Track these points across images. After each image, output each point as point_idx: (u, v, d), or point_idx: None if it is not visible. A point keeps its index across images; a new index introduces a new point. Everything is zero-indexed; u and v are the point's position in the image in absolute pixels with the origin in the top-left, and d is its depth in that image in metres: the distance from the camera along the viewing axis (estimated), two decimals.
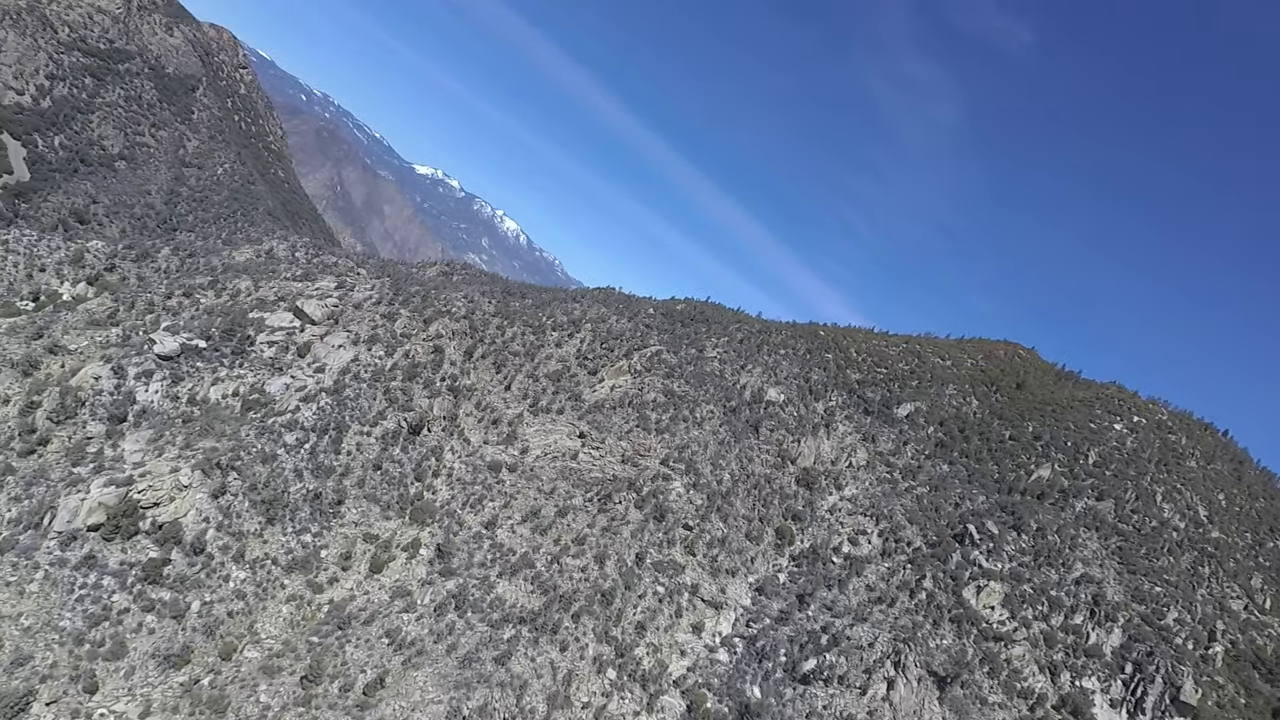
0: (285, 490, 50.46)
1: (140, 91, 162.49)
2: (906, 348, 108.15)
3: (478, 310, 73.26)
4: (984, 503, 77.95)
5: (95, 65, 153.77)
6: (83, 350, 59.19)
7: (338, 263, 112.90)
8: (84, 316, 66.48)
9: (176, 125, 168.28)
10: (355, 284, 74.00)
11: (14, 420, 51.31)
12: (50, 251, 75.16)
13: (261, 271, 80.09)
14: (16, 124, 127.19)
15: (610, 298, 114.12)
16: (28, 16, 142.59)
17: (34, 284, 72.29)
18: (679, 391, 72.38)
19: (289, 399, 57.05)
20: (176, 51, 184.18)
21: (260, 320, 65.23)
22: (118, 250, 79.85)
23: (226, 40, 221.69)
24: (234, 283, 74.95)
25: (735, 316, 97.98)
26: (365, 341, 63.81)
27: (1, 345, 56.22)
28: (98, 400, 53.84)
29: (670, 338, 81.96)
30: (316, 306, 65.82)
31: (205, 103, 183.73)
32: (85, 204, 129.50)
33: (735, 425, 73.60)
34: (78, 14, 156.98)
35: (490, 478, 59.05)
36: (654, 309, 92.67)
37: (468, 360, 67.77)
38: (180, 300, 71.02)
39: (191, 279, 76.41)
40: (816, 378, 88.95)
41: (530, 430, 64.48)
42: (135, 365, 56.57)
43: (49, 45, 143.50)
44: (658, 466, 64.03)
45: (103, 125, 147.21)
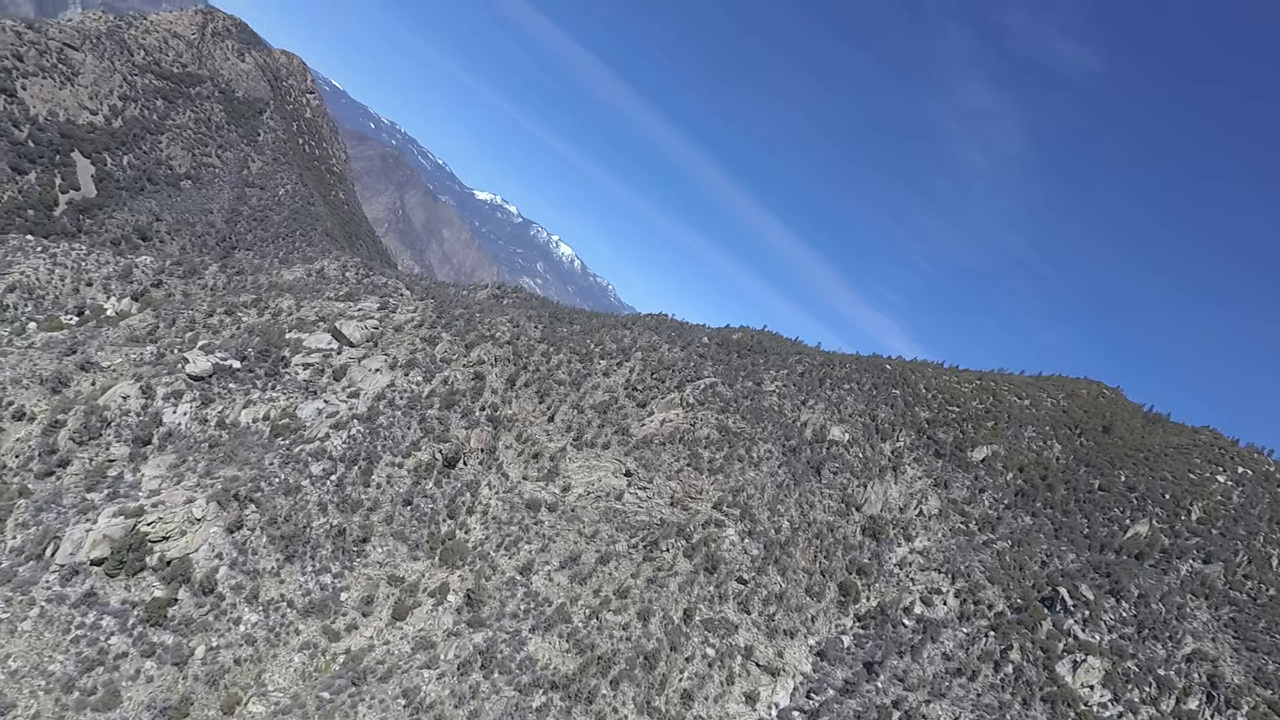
0: (307, 525, 46.74)
1: (209, 114, 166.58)
2: (980, 385, 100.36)
3: (523, 335, 69.41)
4: (1075, 562, 69.96)
5: (167, 88, 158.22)
6: (115, 368, 57.18)
7: (386, 283, 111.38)
8: (124, 333, 64.93)
9: (242, 147, 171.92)
10: (398, 306, 71.09)
11: (36, 439, 49.10)
12: (98, 266, 74.46)
13: (306, 291, 78.10)
14: (87, 142, 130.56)
15: (662, 325, 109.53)
16: (107, 40, 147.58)
17: (79, 298, 71.42)
18: (734, 428, 66.87)
19: (319, 425, 53.72)
20: (246, 76, 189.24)
21: (298, 341, 62.55)
22: (166, 266, 78.94)
23: (296, 66, 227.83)
24: (277, 301, 72.90)
25: (795, 347, 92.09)
26: (403, 366, 60.39)
27: (33, 360, 54.50)
28: (123, 421, 51.39)
29: (725, 369, 76.65)
30: (355, 328, 62.85)
31: (271, 125, 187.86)
32: (148, 221, 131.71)
33: (795, 466, 67.62)
34: (154, 38, 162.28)
35: (528, 517, 54.46)
36: (708, 338, 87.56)
37: (510, 388, 63.77)
38: (221, 318, 69.13)
39: (236, 296, 74.73)
40: (883, 416, 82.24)
41: (573, 466, 59.83)
42: (165, 385, 54.11)
43: (125, 68, 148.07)
44: (710, 511, 58.52)
45: (171, 145, 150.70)
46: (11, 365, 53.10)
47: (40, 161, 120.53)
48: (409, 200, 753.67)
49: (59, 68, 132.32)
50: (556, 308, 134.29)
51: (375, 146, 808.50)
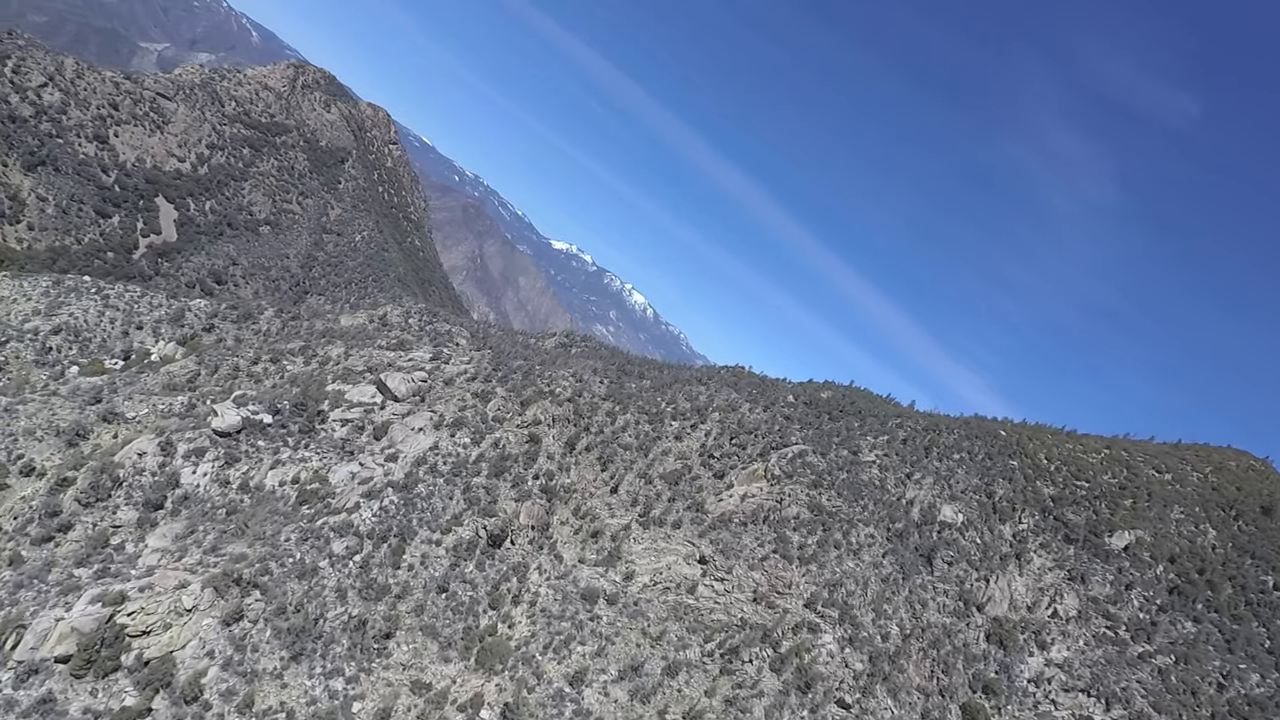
0: (321, 616, 39.25)
1: (293, 162, 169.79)
2: (1109, 454, 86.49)
3: (585, 392, 61.68)
4: (1261, 686, 56.00)
5: (255, 137, 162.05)
6: (140, 419, 52.13)
7: (448, 330, 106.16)
8: (162, 380, 60.49)
9: (322, 194, 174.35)
10: (451, 356, 64.72)
11: (40, 499, 43.79)
12: (150, 309, 71.23)
13: (359, 338, 72.95)
14: (173, 188, 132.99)
15: (741, 380, 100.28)
16: (200, 92, 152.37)
17: (127, 342, 67.99)
18: (829, 507, 56.74)
19: (349, 493, 46.77)
20: (331, 126, 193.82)
21: (339, 393, 56.52)
22: (220, 310, 75.37)
23: (381, 118, 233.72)
24: (326, 349, 67.75)
25: (894, 409, 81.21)
26: (449, 425, 53.32)
27: (54, 409, 49.90)
28: (136, 481, 45.72)
29: (816, 434, 66.75)
30: (401, 381, 56.43)
31: (352, 174, 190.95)
32: (224, 265, 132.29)
33: (902, 555, 56.75)
34: (246, 90, 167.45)
35: (583, 611, 45.65)
36: (794, 396, 77.85)
37: (569, 453, 55.80)
38: (266, 366, 64.21)
39: (285, 343, 70.08)
40: (1001, 492, 70.24)
41: (638, 548, 50.91)
42: (187, 441, 48.46)
43: (214, 117, 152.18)
44: (802, 611, 48.38)
45: (253, 192, 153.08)
46: (29, 414, 48.54)
47: (125, 206, 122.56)
48: (488, 249, 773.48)
49: (151, 116, 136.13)
50: (626, 358, 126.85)
51: (458, 198, 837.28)
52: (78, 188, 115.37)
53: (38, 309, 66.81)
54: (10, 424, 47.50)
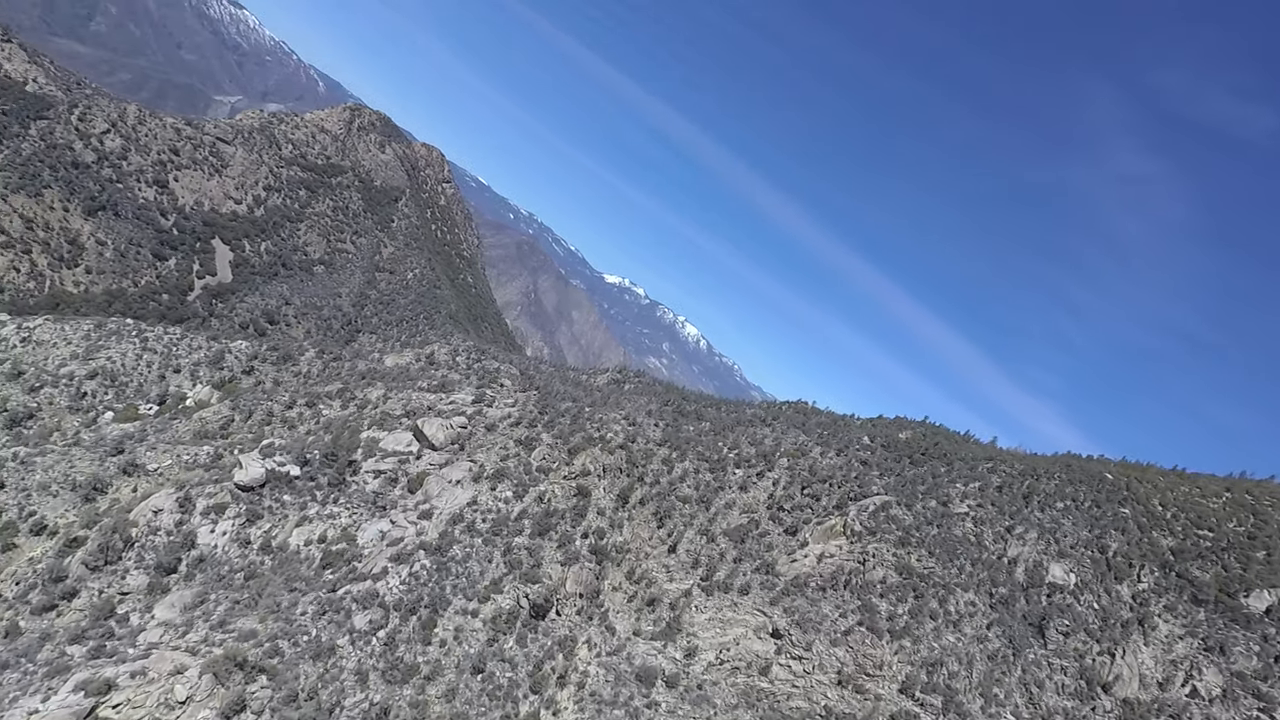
0: (338, 704, 34.01)
1: (348, 202, 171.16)
2: (1231, 498, 75.99)
3: (639, 437, 55.97)
4: None
5: (311, 179, 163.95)
6: (163, 471, 48.57)
7: (498, 368, 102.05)
8: (193, 427, 57.26)
9: (376, 233, 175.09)
10: (495, 398, 59.98)
11: (46, 562, 40.10)
12: (189, 351, 68.82)
13: (400, 379, 69.06)
14: (229, 230, 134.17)
15: (808, 418, 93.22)
16: (258, 135, 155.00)
17: (163, 386, 65.47)
18: (921, 569, 49.32)
19: (377, 556, 41.85)
20: (385, 166, 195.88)
21: (373, 442, 52.15)
22: (260, 351, 72.66)
23: (435, 157, 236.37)
24: (365, 391, 63.91)
25: (983, 450, 72.96)
26: (490, 477, 48.20)
27: (72, 461, 46.68)
28: (150, 541, 41.76)
29: (898, 482, 59.38)
30: (439, 427, 51.77)
31: (406, 212, 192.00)
32: (277, 305, 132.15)
33: (1009, 625, 48.76)
34: (303, 133, 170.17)
35: (639, 696, 39.39)
36: (869, 437, 70.56)
37: (621, 507, 49.98)
38: (301, 410, 60.58)
39: (324, 385, 66.63)
40: (1115, 546, 61.32)
41: (701, 618, 44.50)
42: (207, 497, 44.48)
43: (271, 160, 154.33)
44: (897, 698, 41.07)
45: (309, 233, 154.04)
46: (46, 466, 45.38)
47: (181, 248, 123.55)
48: (541, 284, 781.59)
49: (210, 160, 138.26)
50: (682, 395, 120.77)
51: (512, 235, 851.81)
52: (136, 231, 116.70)
53: (76, 353, 64.94)
54: (25, 477, 44.35)
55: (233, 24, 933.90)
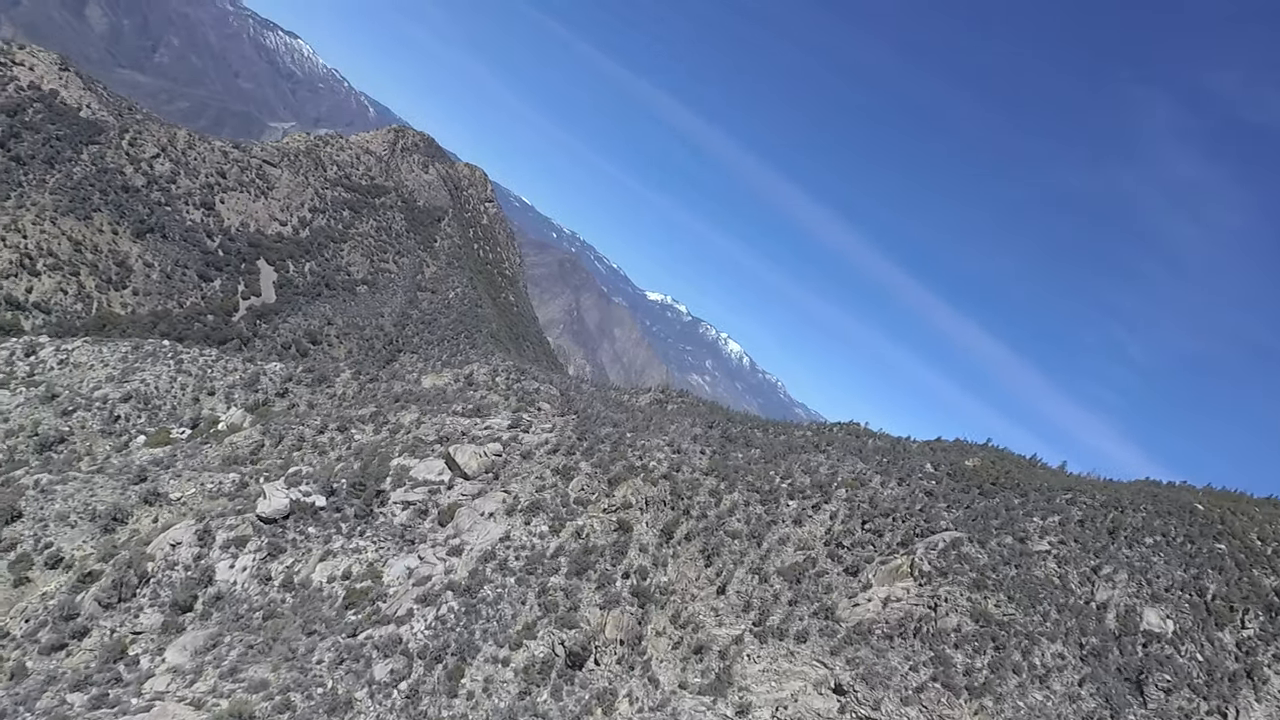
0: None
1: (391, 222, 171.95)
2: None
3: (684, 465, 52.16)
4: None
5: (355, 199, 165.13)
6: (186, 500, 46.49)
7: (538, 388, 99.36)
8: (223, 452, 55.44)
9: (419, 252, 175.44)
10: (532, 423, 56.90)
11: (59, 598, 38.05)
12: (224, 374, 67.51)
13: (435, 401, 66.61)
14: (274, 252, 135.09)
15: (863, 442, 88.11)
16: (304, 158, 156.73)
17: (197, 409, 64.12)
18: (1000, 615, 44.30)
19: (403, 597, 38.79)
20: (429, 186, 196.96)
21: (403, 470, 49.44)
22: (295, 373, 71.09)
23: (478, 177, 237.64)
24: (398, 415, 61.51)
25: (1058, 478, 67.13)
26: (524, 510, 44.92)
27: (94, 490, 44.87)
28: (166, 577, 39.46)
29: (968, 515, 54.30)
30: (472, 455, 48.81)
31: (448, 232, 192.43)
32: (320, 325, 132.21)
33: (1104, 681, 43.33)
34: (347, 155, 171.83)
35: None
36: (933, 465, 65.48)
37: (665, 543, 46.16)
38: (333, 435, 58.36)
39: (357, 409, 64.50)
40: (1214, 588, 55.02)
41: (755, 669, 40.29)
42: (228, 529, 42.12)
43: (317, 182, 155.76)
44: None
45: (352, 253, 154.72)
46: (67, 495, 43.63)
47: (227, 270, 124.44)
48: (584, 302, 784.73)
49: (256, 183, 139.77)
50: (728, 418, 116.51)
51: (555, 253, 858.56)
52: (183, 253, 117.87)
53: (111, 375, 64.08)
54: (45, 507, 42.62)
55: (287, 53, 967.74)
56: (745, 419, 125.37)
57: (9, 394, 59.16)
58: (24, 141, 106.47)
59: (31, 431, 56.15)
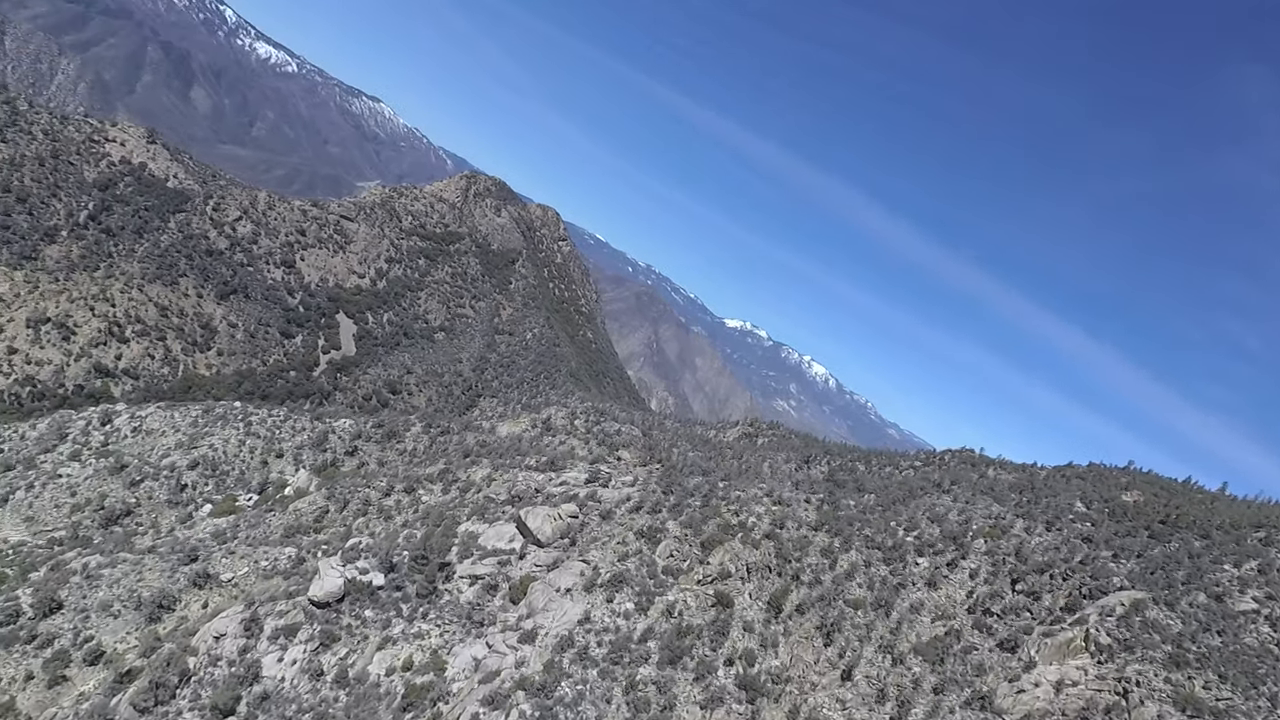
0: None
1: (466, 267, 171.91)
2: None
3: (789, 520, 44.68)
4: None
5: (430, 248, 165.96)
6: (238, 580, 42.46)
7: (619, 430, 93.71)
8: (286, 520, 51.70)
9: (494, 295, 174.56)
10: (611, 476, 50.78)
11: (94, 701, 33.99)
12: (293, 434, 64.68)
13: (508, 454, 61.61)
14: (353, 304, 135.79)
15: (984, 472, 78.14)
16: (379, 210, 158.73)
17: (265, 472, 61.25)
18: (1213, 702, 34.57)
19: (468, 699, 32.90)
20: (502, 230, 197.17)
21: (471, 538, 44.08)
22: (364, 430, 67.74)
23: (550, 217, 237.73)
24: (468, 471, 56.66)
25: (1244, 511, 55.65)
26: (606, 585, 38.54)
27: (142, 572, 41.35)
28: (209, 675, 34.97)
29: (1144, 566, 44.36)
30: (545, 518, 42.99)
31: (523, 273, 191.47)
32: (399, 375, 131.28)
33: None
34: (422, 204, 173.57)
35: None
36: (1084, 502, 55.46)
37: (774, 618, 38.75)
38: (399, 497, 53.94)
39: (426, 466, 60.15)
40: None
41: None
42: (278, 616, 37.52)
43: (393, 233, 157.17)
44: None
45: (429, 300, 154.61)
46: (112, 581, 40.20)
47: (307, 325, 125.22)
48: (663, 334, 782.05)
49: (334, 238, 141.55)
50: (825, 449, 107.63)
51: (631, 287, 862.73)
52: (265, 311, 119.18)
53: (181, 441, 62.11)
54: (88, 595, 39.26)
55: (371, 116, 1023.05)
56: (843, 450, 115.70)
57: (80, 466, 57.66)
58: (115, 214, 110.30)
59: (98, 505, 54.12)
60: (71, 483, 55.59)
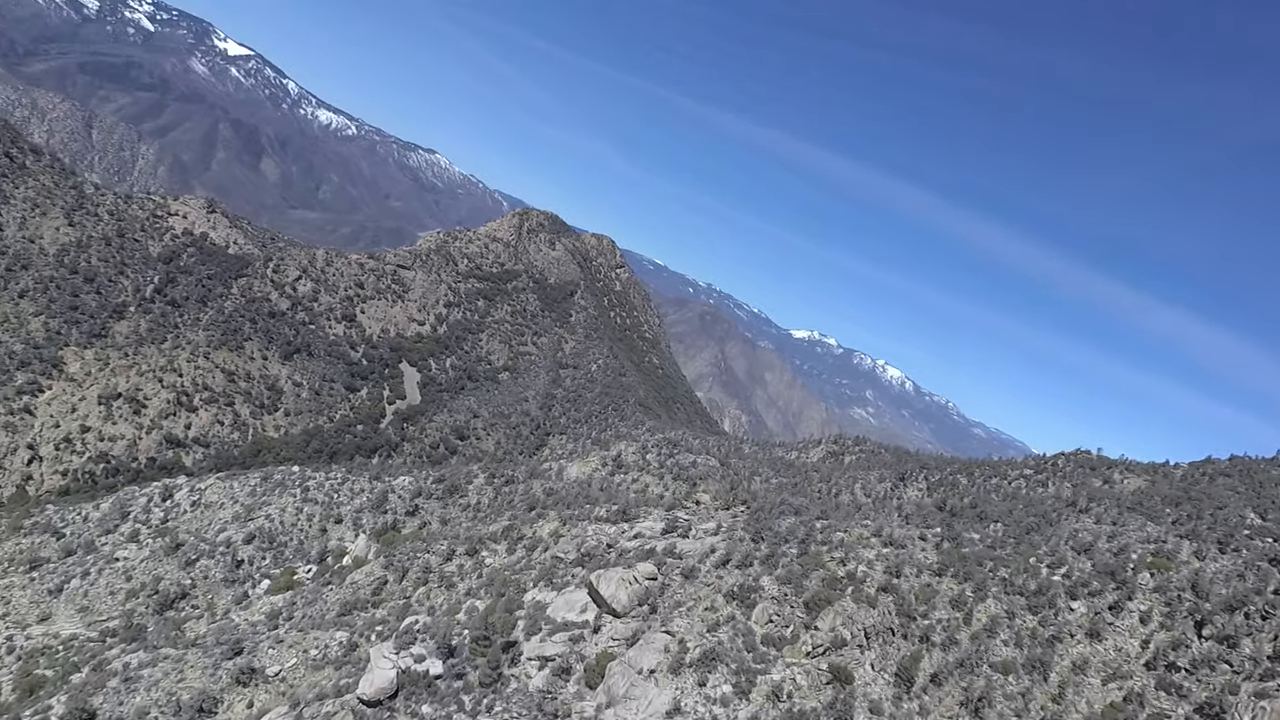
0: None
1: (525, 304, 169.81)
2: None
3: (906, 564, 37.75)
4: None
5: (488, 288, 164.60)
6: (285, 674, 38.26)
7: (695, 461, 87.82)
8: (344, 596, 47.70)
9: (556, 330, 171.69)
10: (691, 523, 44.87)
11: None
12: (351, 496, 61.32)
13: (576, 502, 56.48)
14: (415, 352, 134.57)
15: (1109, 475, 69.22)
16: (435, 256, 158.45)
17: (324, 540, 57.89)
18: None
19: None
20: (558, 263, 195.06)
21: (538, 609, 38.87)
22: (424, 486, 63.93)
23: (605, 245, 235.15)
24: (534, 527, 51.69)
25: None
26: (696, 664, 32.51)
27: (184, 671, 37.60)
28: None
29: None
30: (620, 584, 37.42)
31: (582, 304, 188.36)
32: (466, 420, 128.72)
33: None
34: (476, 246, 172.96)
35: None
36: (1256, 512, 46.31)
37: (905, 694, 31.88)
38: (462, 562, 49.36)
39: (489, 523, 55.53)
40: None
41: None
42: (326, 718, 32.92)
43: (449, 277, 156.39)
44: None
45: (490, 341, 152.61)
46: (151, 683, 36.58)
47: (371, 377, 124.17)
48: (729, 351, 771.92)
49: (393, 288, 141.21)
50: (920, 464, 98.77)
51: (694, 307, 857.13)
52: (329, 368, 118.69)
53: (238, 513, 59.48)
54: (124, 701, 35.69)
55: (428, 168, 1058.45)
56: (940, 462, 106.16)
57: (137, 547, 55.45)
58: (179, 285, 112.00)
59: (152, 589, 51.50)
60: (128, 566, 53.29)
